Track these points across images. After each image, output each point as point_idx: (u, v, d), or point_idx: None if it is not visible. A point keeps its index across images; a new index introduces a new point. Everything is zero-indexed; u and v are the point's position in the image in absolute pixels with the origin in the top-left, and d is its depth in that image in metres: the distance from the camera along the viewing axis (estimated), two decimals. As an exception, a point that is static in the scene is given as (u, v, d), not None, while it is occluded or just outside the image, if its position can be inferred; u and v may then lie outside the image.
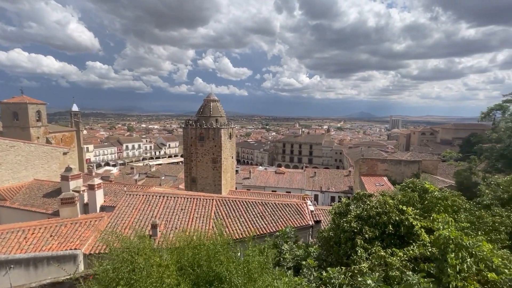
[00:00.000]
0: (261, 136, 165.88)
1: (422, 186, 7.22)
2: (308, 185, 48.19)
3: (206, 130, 30.23)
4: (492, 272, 4.53)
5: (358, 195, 7.80)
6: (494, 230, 6.32)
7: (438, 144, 78.55)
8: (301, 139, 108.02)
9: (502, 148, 28.41)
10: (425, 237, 5.61)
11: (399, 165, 39.12)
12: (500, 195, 9.80)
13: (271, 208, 19.41)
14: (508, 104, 29.55)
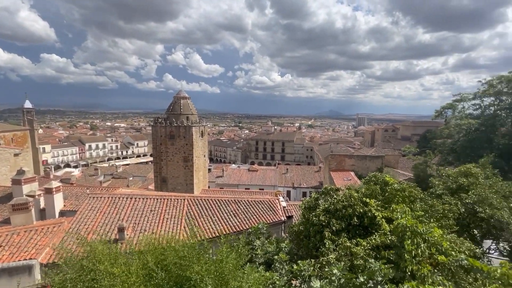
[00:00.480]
0: (234, 134, 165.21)
1: (383, 179, 7.75)
2: (281, 181, 49.12)
3: (177, 128, 29.33)
4: (442, 255, 5.02)
5: (326, 189, 8.14)
6: (444, 217, 7.02)
7: (399, 140, 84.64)
8: (274, 136, 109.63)
9: (452, 143, 31.49)
10: (385, 226, 6.03)
11: (364, 160, 41.50)
12: (449, 185, 10.86)
13: (244, 205, 19.48)
14: (457, 103, 32.79)
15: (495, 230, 9.59)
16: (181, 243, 5.12)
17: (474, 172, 11.38)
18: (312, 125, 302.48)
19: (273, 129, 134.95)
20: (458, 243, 5.52)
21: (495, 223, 9.28)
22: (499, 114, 29.58)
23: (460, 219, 9.62)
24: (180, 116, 29.96)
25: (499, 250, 10.38)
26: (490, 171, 13.84)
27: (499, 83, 29.13)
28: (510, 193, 12.34)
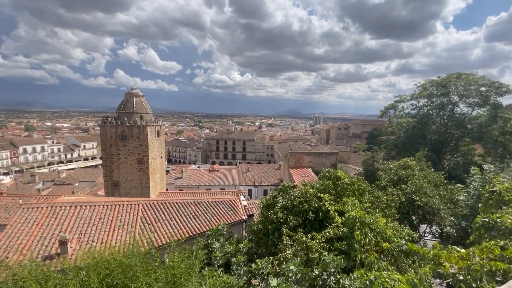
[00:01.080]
0: (194, 134, 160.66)
1: (336, 175, 8.21)
2: (242, 180, 49.23)
3: (130, 128, 27.28)
4: (386, 242, 5.46)
5: (284, 187, 8.31)
6: (388, 206, 7.73)
7: (350, 137, 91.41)
8: (235, 136, 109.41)
9: (395, 139, 35.07)
10: (338, 219, 6.37)
11: (320, 157, 43.89)
12: (392, 177, 12.03)
13: (204, 207, 19.00)
14: (398, 104, 36.60)
15: (429, 216, 10.95)
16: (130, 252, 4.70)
17: (411, 164, 12.85)
18: (272, 124, 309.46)
19: (234, 128, 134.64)
20: (399, 230, 6.09)
21: (428, 209, 10.60)
22: (431, 113, 33.87)
23: (401, 208, 10.75)
24: (133, 115, 27.93)
25: (432, 233, 11.89)
26: (424, 163, 15.78)
27: (431, 86, 33.32)
28: (440, 182, 14.21)
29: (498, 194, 7.13)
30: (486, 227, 6.08)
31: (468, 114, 32.26)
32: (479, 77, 30.81)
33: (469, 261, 4.55)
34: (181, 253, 5.01)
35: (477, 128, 29.94)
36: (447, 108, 32.55)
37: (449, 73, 32.50)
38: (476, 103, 30.69)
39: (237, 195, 23.67)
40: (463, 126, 30.99)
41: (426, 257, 4.78)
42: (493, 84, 29.68)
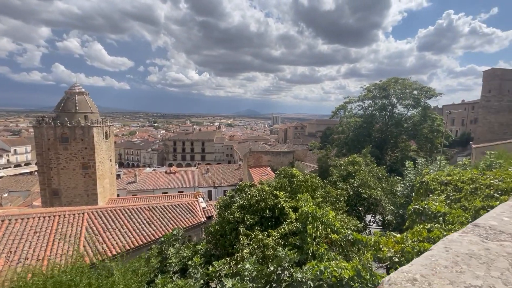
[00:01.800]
0: (149, 135, 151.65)
1: (291, 172, 8.54)
2: (201, 182, 48.10)
3: (72, 130, 24.53)
4: (334, 234, 5.84)
5: (241, 186, 8.34)
6: (337, 200, 8.32)
7: (306, 136, 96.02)
8: (193, 136, 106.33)
9: (345, 138, 37.90)
10: (292, 215, 6.62)
11: (278, 156, 45.24)
12: (342, 173, 12.98)
13: (160, 211, 18.08)
14: (347, 105, 39.63)
15: (373, 206, 12.13)
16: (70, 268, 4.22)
17: (358, 160, 14.09)
18: (231, 124, 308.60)
19: (192, 129, 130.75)
20: (346, 221, 6.58)
21: (372, 200, 11.74)
22: (375, 114, 37.47)
23: (350, 200, 11.70)
24: (76, 115, 25.18)
25: (376, 222, 13.20)
26: (369, 159, 17.43)
27: (374, 89, 36.84)
28: (382, 175, 15.82)
29: (426, 184, 8.23)
30: (417, 213, 6.96)
31: (404, 114, 36.53)
32: (412, 82, 35.13)
33: (403, 244, 5.16)
34: (131, 264, 4.68)
35: (411, 127, 34.10)
36: (387, 109, 36.37)
37: (388, 78, 36.36)
38: (410, 104, 34.91)
39: (195, 197, 23.03)
40: (400, 125, 34.98)
41: (368, 245, 5.26)
42: (423, 88, 34.14)
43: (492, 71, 53.48)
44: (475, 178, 7.07)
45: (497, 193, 6.05)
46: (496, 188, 6.22)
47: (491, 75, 52.93)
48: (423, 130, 32.44)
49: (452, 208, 6.48)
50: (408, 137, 35.64)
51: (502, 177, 6.87)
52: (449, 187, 7.51)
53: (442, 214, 6.30)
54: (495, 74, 52.49)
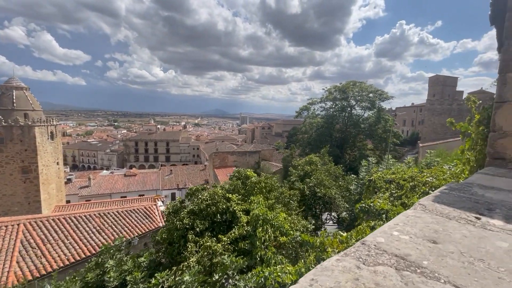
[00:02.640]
0: (108, 135, 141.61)
1: (245, 174, 8.35)
2: (164, 184, 46.06)
3: (7, 129, 21.63)
4: (283, 236, 5.76)
5: (191, 190, 7.93)
6: (290, 201, 8.34)
7: (273, 136, 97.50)
8: (157, 136, 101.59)
9: (308, 138, 39.12)
10: (243, 218, 6.42)
11: (244, 156, 45.13)
12: (300, 173, 13.20)
13: (113, 218, 16.75)
14: (310, 106, 40.99)
15: (328, 205, 12.56)
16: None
17: (314, 160, 14.51)
18: (199, 124, 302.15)
19: (156, 128, 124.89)
20: (296, 222, 6.57)
21: (327, 199, 12.15)
22: (336, 115, 39.28)
23: (306, 200, 11.95)
24: (13, 113, 22.27)
25: (331, 220, 13.71)
26: (327, 158, 18.11)
27: (335, 91, 38.60)
28: (339, 174, 16.50)
29: (374, 182, 8.66)
30: (364, 211, 7.25)
31: (361, 115, 38.87)
32: (368, 85, 37.54)
33: (346, 244, 5.28)
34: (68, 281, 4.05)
35: (367, 127, 36.42)
36: (346, 110, 38.38)
37: (347, 81, 38.39)
38: (366, 106, 37.26)
39: (154, 201, 21.82)
40: (358, 125, 37.16)
41: (314, 246, 5.26)
42: (378, 91, 36.68)
43: (436, 78, 59.54)
44: (414, 176, 7.56)
45: (431, 190, 6.51)
46: (431, 185, 6.69)
47: (435, 81, 58.90)
48: (377, 130, 34.85)
49: (394, 205, 6.86)
50: (365, 137, 38.01)
51: (437, 174, 7.46)
52: (393, 185, 7.96)
53: (385, 211, 6.64)
54: (438, 80, 58.53)
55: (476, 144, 3.14)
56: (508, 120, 2.37)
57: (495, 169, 2.33)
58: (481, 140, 3.04)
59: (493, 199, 1.60)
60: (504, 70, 2.38)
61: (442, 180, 6.59)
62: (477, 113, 3.28)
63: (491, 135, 2.47)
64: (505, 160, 2.41)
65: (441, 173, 7.97)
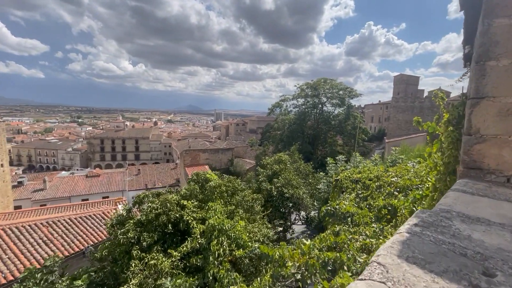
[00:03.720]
0: (70, 132, 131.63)
1: (204, 177, 7.59)
2: (132, 184, 43.45)
3: None
4: (240, 249, 5.11)
5: (139, 198, 6.98)
6: (254, 205, 7.74)
7: (247, 133, 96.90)
8: (125, 133, 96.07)
9: (281, 134, 39.04)
10: (196, 230, 5.66)
11: (217, 153, 43.93)
12: (268, 172, 12.69)
13: (64, 226, 15.00)
14: (282, 103, 40.89)
15: (296, 205, 12.22)
16: None
17: (283, 159, 14.11)
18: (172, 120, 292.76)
19: (124, 125, 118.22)
20: (257, 231, 5.96)
21: (295, 200, 11.80)
22: (307, 111, 39.59)
23: (274, 201, 11.49)
24: None
25: (300, 220, 13.45)
26: (297, 156, 17.86)
27: (306, 88, 38.82)
28: (309, 172, 16.30)
29: (340, 182, 8.38)
30: (329, 214, 6.89)
31: (332, 112, 39.61)
32: (338, 83, 38.27)
33: (308, 255, 4.80)
34: None
35: (338, 124, 37.17)
36: (318, 107, 38.84)
37: (318, 78, 38.79)
38: (337, 103, 37.99)
39: (115, 204, 20.12)
40: (329, 122, 37.79)
41: (273, 259, 4.68)
42: (347, 89, 37.53)
43: (400, 77, 62.75)
44: (380, 176, 7.34)
45: (396, 190, 6.26)
46: (395, 185, 6.45)
47: (399, 79, 62.07)
48: (347, 127, 35.70)
49: (360, 208, 6.58)
50: (336, 133, 38.81)
51: (402, 173, 7.30)
52: (359, 185, 7.70)
53: (350, 214, 6.32)
54: (402, 79, 61.74)
55: (445, 147, 2.71)
56: (487, 121, 1.89)
57: (472, 184, 1.83)
58: (450, 143, 2.60)
59: (486, 247, 1.03)
60: (482, 58, 1.89)
61: (407, 180, 6.38)
62: (445, 111, 2.86)
63: (466, 140, 1.99)
64: (483, 170, 1.94)
65: (405, 172, 7.87)
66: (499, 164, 1.88)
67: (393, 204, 5.87)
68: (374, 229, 5.63)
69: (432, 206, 2.62)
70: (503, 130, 1.85)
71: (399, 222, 3.61)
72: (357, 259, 4.64)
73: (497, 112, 1.86)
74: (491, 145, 1.90)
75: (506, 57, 1.81)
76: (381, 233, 5.49)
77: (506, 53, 1.81)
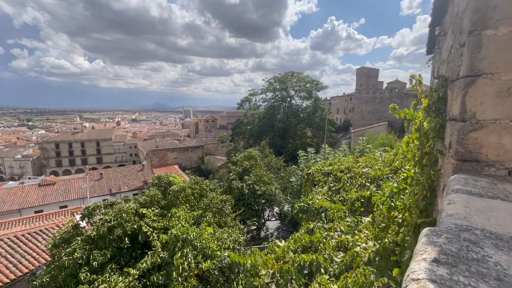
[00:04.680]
0: (18, 137, 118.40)
1: (167, 180, 6.84)
2: (94, 190, 40.12)
3: None
4: (208, 260, 4.56)
5: (88, 210, 6.06)
6: (223, 208, 7.20)
7: (218, 129, 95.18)
8: (84, 135, 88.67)
9: (251, 129, 38.68)
10: (157, 243, 4.98)
11: (187, 152, 42.31)
12: (238, 170, 12.20)
13: (9, 246, 13.09)
14: (251, 97, 40.46)
15: (269, 201, 11.95)
16: None
17: (254, 154, 13.71)
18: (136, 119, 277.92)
19: (82, 127, 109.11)
20: (226, 237, 5.45)
21: (268, 196, 11.52)
22: (276, 105, 39.65)
23: (246, 199, 11.07)
24: None
25: (274, 216, 13.25)
26: (267, 150, 17.61)
27: (274, 82, 38.78)
28: (280, 166, 16.13)
29: (312, 175, 8.19)
30: (303, 210, 6.63)
31: (300, 105, 40.16)
32: (305, 76, 38.78)
33: (283, 259, 4.43)
34: None
35: (306, 116, 37.80)
36: (286, 100, 39.09)
37: (286, 72, 38.95)
38: (304, 96, 38.56)
39: (72, 215, 18.16)
40: (298, 115, 38.26)
41: (245, 268, 4.22)
42: (314, 82, 38.22)
43: (361, 69, 65.78)
44: (351, 167, 7.23)
45: (367, 181, 6.15)
46: (367, 176, 6.35)
47: (361, 72, 65.06)
48: (315, 119, 36.44)
49: (333, 201, 6.41)
50: (305, 126, 39.48)
51: (371, 163, 7.27)
52: (331, 177, 7.55)
53: (324, 209, 6.12)
54: (363, 71, 64.79)
55: (426, 136, 2.43)
56: (485, 103, 1.57)
57: (473, 181, 1.49)
58: (432, 131, 2.31)
59: None
60: (478, 26, 1.54)
61: (377, 170, 6.31)
62: (423, 96, 2.58)
63: (460, 127, 1.66)
64: (480, 163, 1.63)
65: (374, 161, 7.90)
66: (500, 154, 1.57)
67: (365, 196, 5.74)
68: (349, 223, 5.46)
69: (418, 205, 2.33)
70: (504, 113, 1.54)
71: (377, 219, 3.35)
72: (334, 259, 4.40)
73: (496, 91, 1.54)
74: (490, 132, 1.58)
75: (506, 24, 1.48)
76: (356, 227, 5.33)
77: (507, 19, 1.48)
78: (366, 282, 2.84)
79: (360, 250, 3.67)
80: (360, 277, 2.99)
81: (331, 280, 3.86)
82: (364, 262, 3.36)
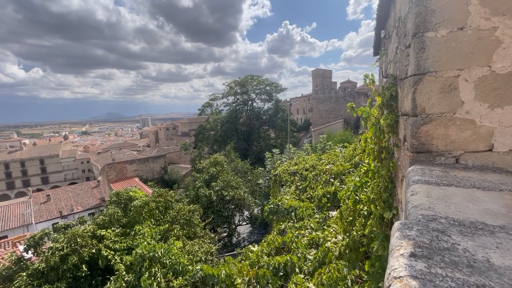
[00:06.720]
0: None
1: (127, 196, 6.32)
2: (40, 215, 35.56)
3: None
4: (179, 276, 4.30)
5: (33, 239, 5.32)
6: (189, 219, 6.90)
7: (180, 136, 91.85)
8: (24, 154, 78.30)
9: (214, 135, 38.13)
10: (120, 265, 4.55)
11: (147, 163, 40.00)
12: (205, 177, 11.88)
13: None
14: (213, 102, 39.96)
15: (239, 206, 11.86)
16: None
17: (220, 160, 13.51)
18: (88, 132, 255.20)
19: (20, 144, 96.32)
20: (197, 249, 5.22)
21: (237, 201, 11.43)
22: (238, 109, 39.75)
23: (214, 206, 10.82)
24: None
25: (244, 220, 13.18)
26: (233, 155, 17.51)
27: (235, 85, 38.87)
28: (247, 169, 16.13)
29: (279, 176, 8.33)
30: (273, 212, 6.69)
31: (262, 107, 40.85)
32: (265, 79, 39.64)
33: (258, 264, 4.39)
34: None
35: (268, 118, 38.59)
36: (248, 104, 39.45)
37: (245, 75, 39.34)
38: (265, 99, 39.36)
39: (14, 246, 15.82)
40: (260, 117, 38.87)
41: (220, 280, 4.07)
42: (273, 84, 39.24)
43: (316, 71, 69.44)
44: (315, 165, 7.51)
45: (331, 177, 6.44)
46: (330, 172, 6.65)
47: (316, 73, 68.65)
48: (277, 120, 37.40)
49: (301, 200, 6.58)
50: (268, 128, 40.25)
51: (333, 160, 7.65)
52: (297, 176, 7.75)
53: (293, 208, 6.24)
54: (318, 73, 68.46)
55: (380, 132, 2.60)
56: (432, 98, 1.72)
57: (428, 171, 1.62)
58: (388, 126, 2.48)
59: (502, 272, 0.67)
60: (420, 29, 1.69)
61: (339, 166, 6.65)
62: (377, 94, 2.77)
63: (413, 121, 1.79)
64: (432, 153, 1.77)
65: (335, 157, 8.33)
66: (447, 144, 1.73)
67: (331, 192, 6.00)
68: (318, 219, 5.64)
69: (381, 196, 2.48)
70: (448, 107, 1.70)
71: (344, 213, 3.49)
72: (307, 257, 4.48)
73: (440, 88, 1.70)
74: (438, 124, 1.73)
75: (444, 26, 1.64)
76: (324, 223, 5.52)
77: (444, 22, 1.64)
78: (340, 277, 2.93)
79: (331, 245, 3.79)
80: (333, 272, 3.08)
81: (306, 278, 3.92)
82: (336, 256, 3.48)
